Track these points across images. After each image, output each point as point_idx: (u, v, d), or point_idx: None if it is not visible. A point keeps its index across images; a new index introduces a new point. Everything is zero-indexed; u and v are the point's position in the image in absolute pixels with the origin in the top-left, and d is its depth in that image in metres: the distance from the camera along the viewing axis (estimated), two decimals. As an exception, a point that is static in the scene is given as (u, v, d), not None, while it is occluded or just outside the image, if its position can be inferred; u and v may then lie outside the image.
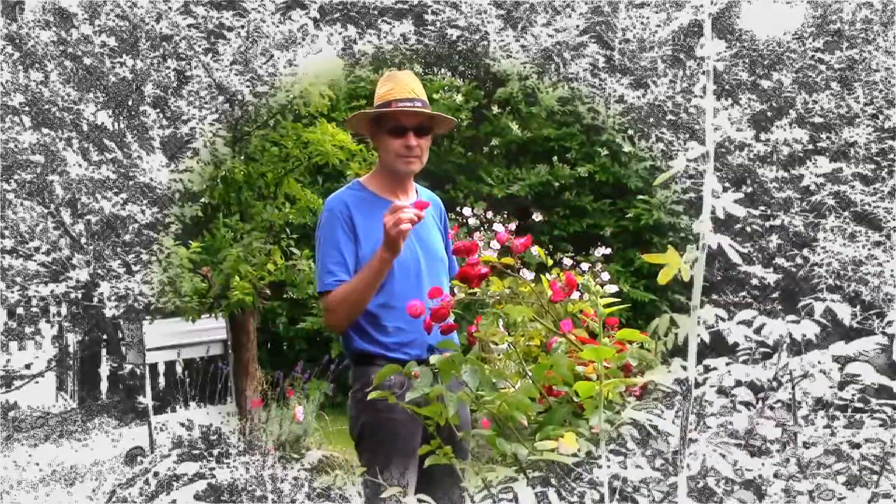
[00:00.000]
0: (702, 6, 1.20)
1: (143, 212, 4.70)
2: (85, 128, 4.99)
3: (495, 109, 7.95)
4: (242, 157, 4.82)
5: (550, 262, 2.33)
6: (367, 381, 2.41)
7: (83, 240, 4.91)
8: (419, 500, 1.50)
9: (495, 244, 5.34)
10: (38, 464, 5.76)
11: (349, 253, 2.43)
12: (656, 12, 8.28)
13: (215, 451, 3.98)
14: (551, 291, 1.76)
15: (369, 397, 1.97)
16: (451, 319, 1.88)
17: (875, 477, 1.51)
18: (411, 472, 2.38)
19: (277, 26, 4.94)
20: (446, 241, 2.68)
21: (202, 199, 4.80)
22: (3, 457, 6.05)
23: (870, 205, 7.31)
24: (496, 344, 1.85)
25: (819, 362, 1.60)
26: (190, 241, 4.71)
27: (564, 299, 1.75)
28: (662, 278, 1.22)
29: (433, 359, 1.73)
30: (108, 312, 4.62)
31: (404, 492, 1.84)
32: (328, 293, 2.42)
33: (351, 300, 2.39)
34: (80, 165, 4.70)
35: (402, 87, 2.51)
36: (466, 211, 6.99)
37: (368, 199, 2.51)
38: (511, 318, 1.76)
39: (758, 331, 1.53)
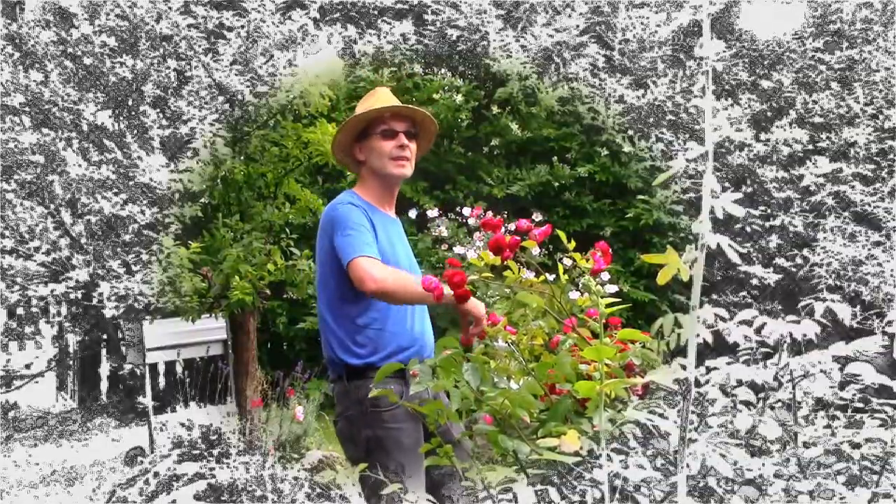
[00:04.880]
0: (701, 6, 1.20)
1: (142, 212, 4.70)
2: (85, 128, 4.98)
3: (495, 109, 7.95)
4: (242, 157, 4.82)
5: (552, 260, 2.34)
6: (365, 394, 2.34)
7: (83, 240, 4.90)
8: (428, 501, 1.50)
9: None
10: (38, 464, 5.77)
11: (374, 240, 2.43)
12: (656, 12, 8.27)
13: (215, 451, 3.98)
14: (592, 262, 1.79)
15: (369, 396, 2.01)
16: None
17: (875, 477, 1.51)
18: (419, 479, 2.38)
19: (277, 26, 4.95)
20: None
21: (202, 199, 4.80)
22: (3, 457, 6.05)
23: (870, 205, 7.31)
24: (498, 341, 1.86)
25: (819, 362, 1.60)
26: (190, 241, 4.71)
27: (607, 265, 1.78)
28: (661, 278, 1.22)
29: (429, 361, 1.73)
30: (108, 312, 4.61)
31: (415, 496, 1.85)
32: (368, 258, 2.34)
33: (402, 292, 2.33)
34: (80, 165, 4.70)
35: (386, 98, 2.59)
36: (466, 211, 6.98)
37: (370, 210, 2.51)
38: (518, 313, 1.77)
39: (758, 331, 1.53)
